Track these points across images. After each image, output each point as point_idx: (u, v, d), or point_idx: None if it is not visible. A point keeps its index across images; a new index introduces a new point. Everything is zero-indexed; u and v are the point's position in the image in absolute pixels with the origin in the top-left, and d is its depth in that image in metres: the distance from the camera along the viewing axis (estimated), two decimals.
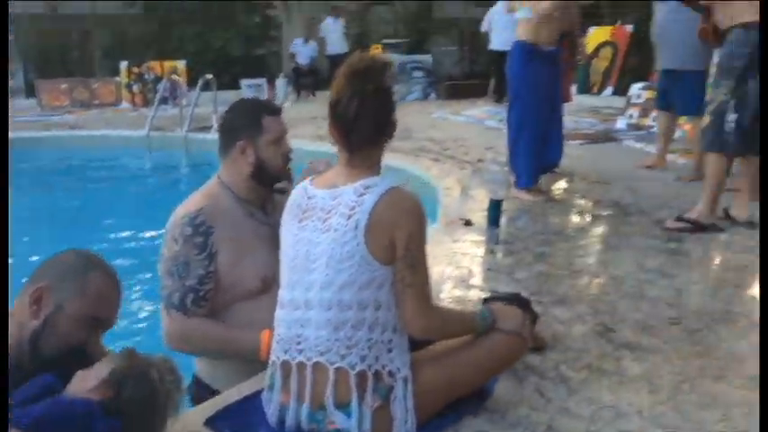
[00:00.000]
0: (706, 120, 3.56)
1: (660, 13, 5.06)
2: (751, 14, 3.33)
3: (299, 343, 1.66)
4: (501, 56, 9.57)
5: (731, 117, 3.42)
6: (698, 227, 3.61)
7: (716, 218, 3.68)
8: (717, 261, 3.29)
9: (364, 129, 1.64)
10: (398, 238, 1.60)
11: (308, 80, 12.52)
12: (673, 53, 4.87)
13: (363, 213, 1.59)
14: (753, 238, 3.46)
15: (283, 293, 1.73)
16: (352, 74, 1.64)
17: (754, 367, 2.08)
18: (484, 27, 10.75)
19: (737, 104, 3.41)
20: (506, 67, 4.49)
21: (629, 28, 9.86)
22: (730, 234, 3.58)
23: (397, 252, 1.61)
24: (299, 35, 13.03)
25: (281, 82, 11.94)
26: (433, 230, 3.82)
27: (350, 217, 1.61)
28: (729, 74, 3.42)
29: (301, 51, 12.55)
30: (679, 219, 3.69)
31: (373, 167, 1.70)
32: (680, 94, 4.88)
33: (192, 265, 1.97)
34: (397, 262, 1.61)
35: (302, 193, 1.74)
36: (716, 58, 3.79)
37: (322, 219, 1.66)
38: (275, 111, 2.15)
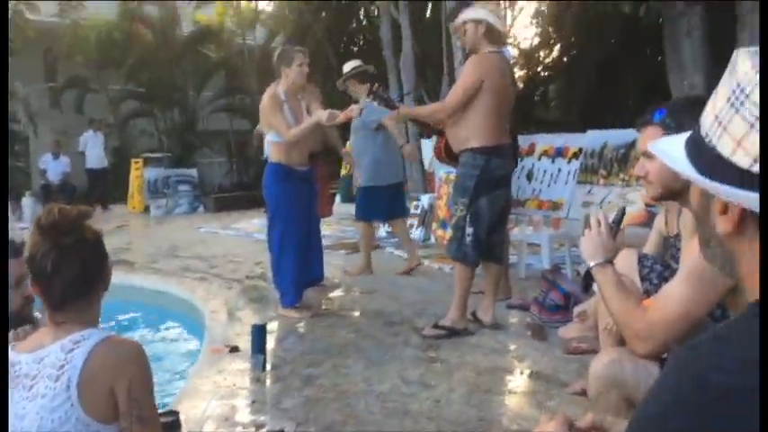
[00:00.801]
0: (449, 233, 3.92)
1: (354, 137, 5.59)
2: (478, 140, 3.78)
3: None
4: None
5: (469, 231, 3.80)
6: (452, 332, 3.85)
7: (466, 322, 3.95)
8: (469, 366, 3.49)
9: (66, 283, 1.50)
10: (119, 390, 1.46)
11: (59, 198, 11.60)
12: (372, 172, 5.47)
13: (74, 370, 1.43)
14: (497, 341, 3.77)
15: None
16: (46, 227, 1.50)
17: None
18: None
19: (472, 219, 3.81)
20: (263, 188, 4.54)
21: None
22: (479, 336, 3.87)
23: (120, 406, 1.46)
24: (48, 150, 12.23)
25: (27, 201, 10.91)
26: (197, 362, 3.61)
27: (58, 378, 1.44)
28: (464, 193, 3.83)
29: (51, 167, 11.71)
30: (435, 326, 3.92)
31: (86, 322, 1.54)
32: (385, 203, 5.51)
33: None
34: (122, 417, 1.46)
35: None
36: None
37: (27, 386, 1.46)
38: (15, 252, 1.92)
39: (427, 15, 12.03)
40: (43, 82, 16.27)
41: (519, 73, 13.03)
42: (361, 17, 14.26)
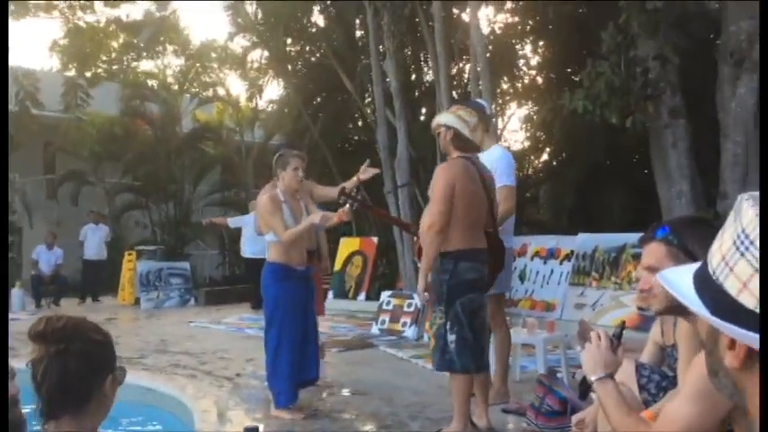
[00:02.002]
0: (433, 342, 3.85)
1: None
2: (445, 245, 3.75)
3: None
4: (255, 263, 9.84)
5: (451, 338, 3.74)
6: None
7: (471, 430, 3.85)
8: None
9: (51, 393, 1.46)
10: None
11: (49, 288, 11.53)
12: None
13: None
14: None
15: None
16: (35, 336, 1.47)
17: None
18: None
19: (453, 325, 3.75)
20: (261, 288, 4.55)
21: (375, 239, 10.80)
22: None
23: None
24: (41, 241, 12.27)
25: (17, 292, 10.82)
26: None
27: None
28: (440, 299, 3.78)
29: (44, 258, 11.71)
30: None
31: None
32: None
33: None
34: None
35: None
36: None
37: None
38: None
39: (422, 118, 12.47)
40: (41, 174, 16.53)
41: None
42: (357, 119, 14.73)
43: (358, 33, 13.48)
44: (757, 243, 0.79)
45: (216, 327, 8.84)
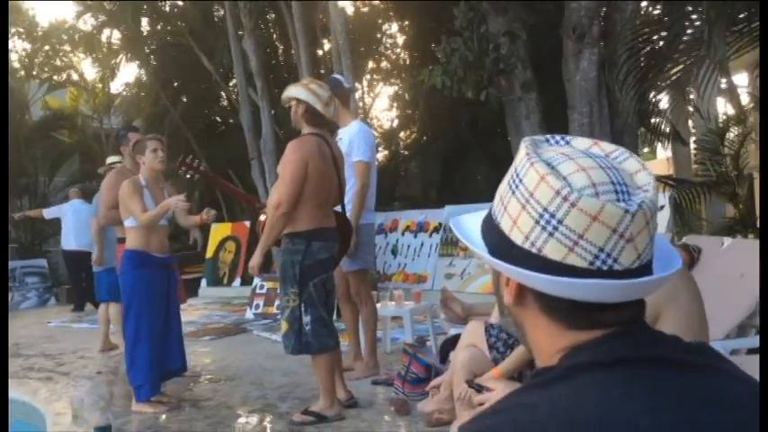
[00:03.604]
0: (284, 326, 3.74)
1: None
2: (295, 225, 3.68)
3: None
4: (77, 257, 9.36)
5: (306, 320, 3.68)
6: (321, 418, 3.75)
7: (338, 408, 3.84)
8: None
9: None
10: None
11: None
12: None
13: None
14: (362, 419, 3.75)
15: None
16: None
17: None
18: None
19: (306, 307, 3.69)
20: (119, 275, 4.34)
21: (248, 223, 10.60)
22: (350, 419, 3.80)
23: None
24: None
25: None
26: None
27: None
28: (292, 281, 3.68)
29: None
30: (305, 412, 3.80)
31: None
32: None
33: None
34: None
35: None
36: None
37: None
38: None
39: None
40: None
41: (383, 152, 13.54)
42: (221, 100, 14.31)
43: (215, 13, 13.04)
44: (525, 181, 0.81)
45: (77, 325, 8.35)
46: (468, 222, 0.95)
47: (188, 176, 4.04)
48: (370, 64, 14.14)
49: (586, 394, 0.74)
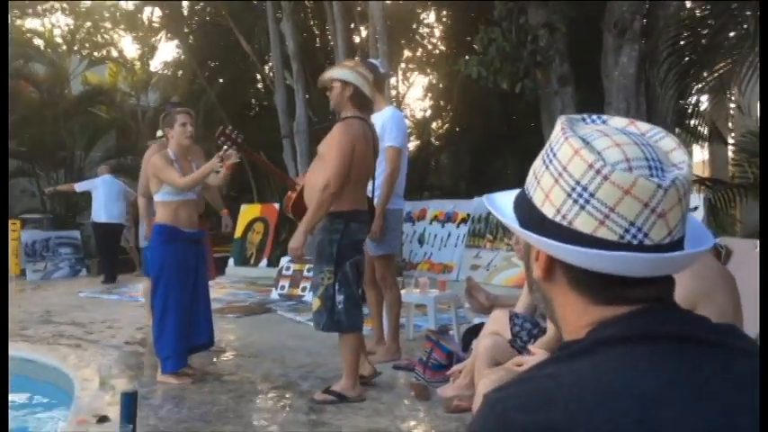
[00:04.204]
0: (317, 303, 3.78)
1: None
2: (337, 205, 3.72)
3: None
4: (109, 228, 9.65)
5: (339, 298, 3.73)
6: (342, 398, 3.78)
7: (360, 389, 3.86)
8: (352, 429, 3.45)
9: None
10: None
11: None
12: None
13: None
14: (382, 402, 3.78)
15: None
16: None
17: None
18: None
19: (341, 286, 3.74)
20: (148, 250, 4.42)
21: (277, 205, 10.68)
22: (369, 402, 3.83)
23: None
24: None
25: None
26: None
27: None
28: (329, 259, 3.74)
29: None
30: (326, 391, 3.84)
31: None
32: None
33: None
34: None
35: None
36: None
37: None
38: None
39: None
40: None
41: (414, 142, 13.52)
42: (256, 81, 14.40)
43: None
44: (559, 155, 0.82)
45: (108, 296, 8.52)
46: (500, 198, 0.96)
47: (225, 148, 4.07)
48: (406, 53, 14.09)
49: (609, 366, 0.75)
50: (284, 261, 8.44)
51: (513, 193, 0.94)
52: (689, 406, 0.71)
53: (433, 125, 14.46)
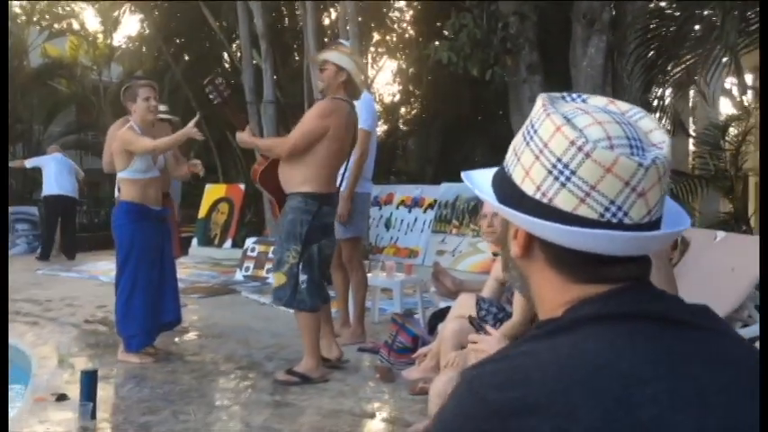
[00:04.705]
0: (282, 279, 3.78)
1: None
2: (312, 185, 3.74)
3: None
4: (58, 200, 9.49)
5: (303, 278, 3.76)
6: (305, 379, 3.77)
7: (322, 370, 3.86)
8: (315, 409, 3.45)
9: None
10: None
11: None
12: None
13: None
14: (346, 383, 3.79)
15: None
16: None
17: None
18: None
19: (306, 266, 3.77)
20: (113, 228, 4.31)
21: (242, 186, 10.57)
22: (333, 383, 3.83)
23: None
24: None
25: None
26: (17, 411, 3.31)
27: None
28: (296, 239, 3.74)
29: None
30: (289, 371, 3.83)
31: None
32: None
33: None
34: None
35: None
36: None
37: None
38: None
39: (295, 66, 12.18)
40: None
41: (382, 127, 13.48)
42: (223, 60, 14.16)
43: None
44: (540, 132, 0.81)
45: (66, 274, 8.35)
46: (478, 176, 0.95)
47: (210, 98, 3.96)
48: (375, 36, 14.00)
49: (589, 344, 0.75)
50: (249, 242, 8.37)
51: (492, 170, 0.94)
52: (667, 385, 0.72)
53: (402, 110, 14.44)
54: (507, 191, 0.85)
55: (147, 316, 4.23)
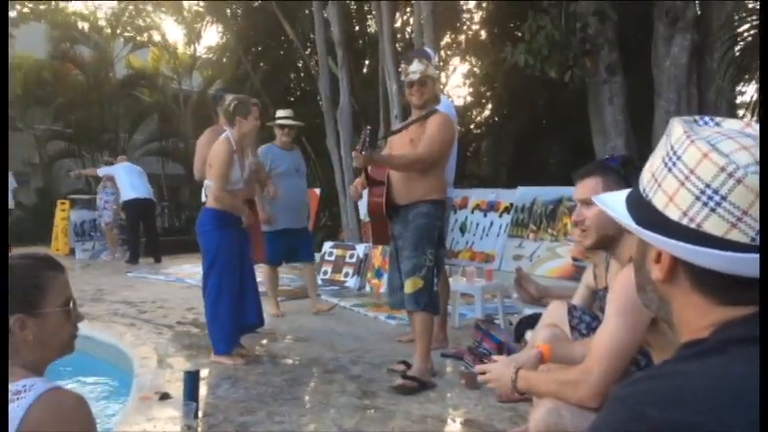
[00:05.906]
0: (419, 283, 3.80)
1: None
2: (439, 193, 3.90)
3: None
4: (139, 204, 9.93)
5: (435, 281, 3.90)
6: (420, 384, 3.79)
7: (429, 374, 3.91)
8: (404, 414, 3.50)
9: None
10: None
11: None
12: (286, 215, 5.72)
13: (12, 427, 1.32)
14: (432, 389, 3.81)
15: None
16: None
17: None
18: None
19: (437, 270, 3.95)
20: (198, 234, 4.48)
21: (318, 191, 10.76)
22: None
23: None
24: None
25: None
26: (125, 408, 3.50)
27: None
28: (431, 243, 3.84)
29: None
30: (405, 377, 3.83)
31: (28, 367, 1.44)
32: (300, 245, 5.87)
33: None
34: None
35: None
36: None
37: None
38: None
39: (364, 71, 12.34)
40: None
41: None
42: (299, 68, 14.45)
43: None
44: (685, 158, 0.84)
45: (154, 277, 8.72)
46: (610, 200, 0.98)
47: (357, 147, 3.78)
48: (446, 39, 13.99)
49: (739, 366, 0.77)
50: (327, 246, 8.52)
51: (621, 194, 0.96)
52: None
53: (473, 113, 14.37)
54: (645, 215, 0.87)
55: (232, 319, 4.38)
